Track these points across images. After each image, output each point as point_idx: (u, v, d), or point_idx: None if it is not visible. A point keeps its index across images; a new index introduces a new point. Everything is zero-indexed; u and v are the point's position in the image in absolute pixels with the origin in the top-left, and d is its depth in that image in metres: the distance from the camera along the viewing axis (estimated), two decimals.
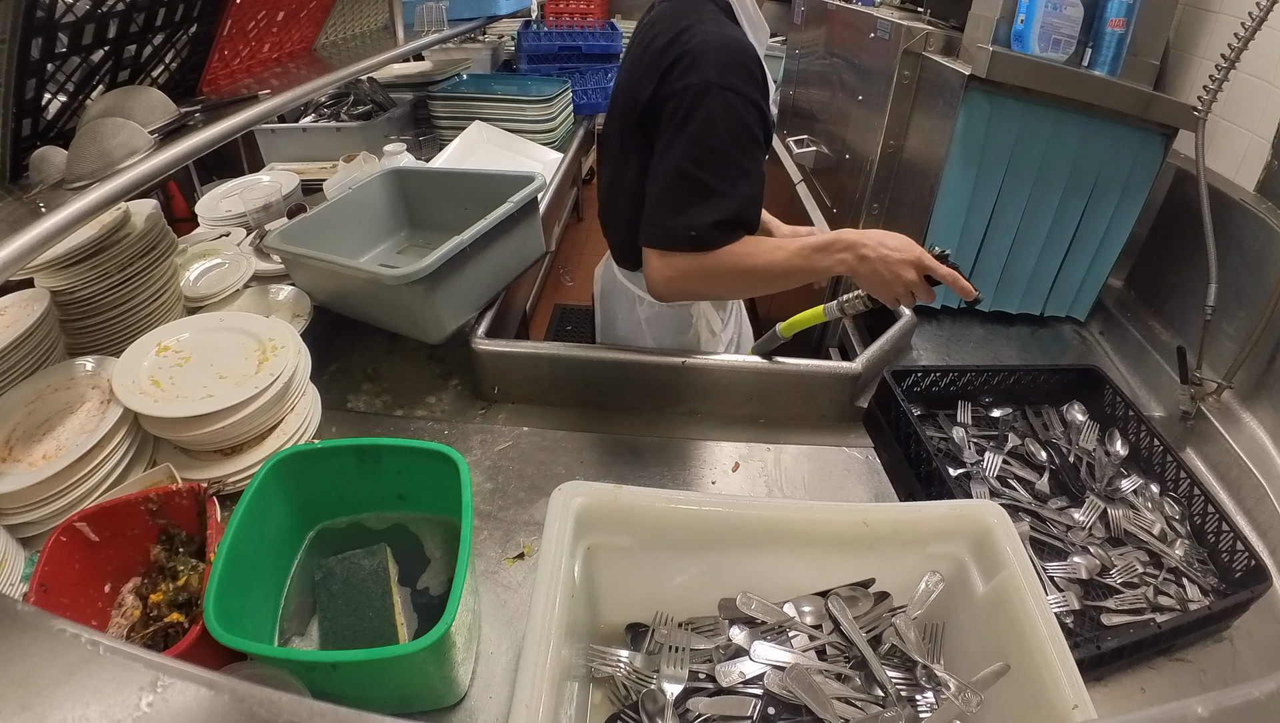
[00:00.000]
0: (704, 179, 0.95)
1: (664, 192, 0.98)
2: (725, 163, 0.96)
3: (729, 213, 0.96)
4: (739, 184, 0.96)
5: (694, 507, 0.72)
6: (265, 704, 0.38)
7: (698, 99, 0.93)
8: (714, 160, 0.95)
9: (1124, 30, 1.20)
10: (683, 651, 0.71)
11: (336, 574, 0.80)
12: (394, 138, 2.17)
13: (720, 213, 0.95)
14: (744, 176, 0.97)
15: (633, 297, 1.29)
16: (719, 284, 1.03)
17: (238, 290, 1.28)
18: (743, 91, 0.94)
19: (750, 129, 0.96)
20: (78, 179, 0.81)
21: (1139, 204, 1.34)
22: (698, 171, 0.95)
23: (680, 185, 0.97)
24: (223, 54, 1.24)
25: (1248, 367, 1.10)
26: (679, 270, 0.99)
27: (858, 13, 1.67)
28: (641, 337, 1.31)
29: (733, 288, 1.07)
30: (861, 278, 0.98)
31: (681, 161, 0.96)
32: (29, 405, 0.92)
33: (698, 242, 0.97)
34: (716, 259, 0.98)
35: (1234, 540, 0.89)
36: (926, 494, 0.96)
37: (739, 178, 0.96)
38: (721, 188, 0.96)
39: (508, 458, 1.08)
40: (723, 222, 0.96)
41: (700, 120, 0.94)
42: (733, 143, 0.95)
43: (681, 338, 1.30)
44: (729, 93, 0.93)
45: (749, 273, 1.00)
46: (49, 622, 0.42)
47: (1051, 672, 0.59)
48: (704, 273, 0.99)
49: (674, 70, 0.96)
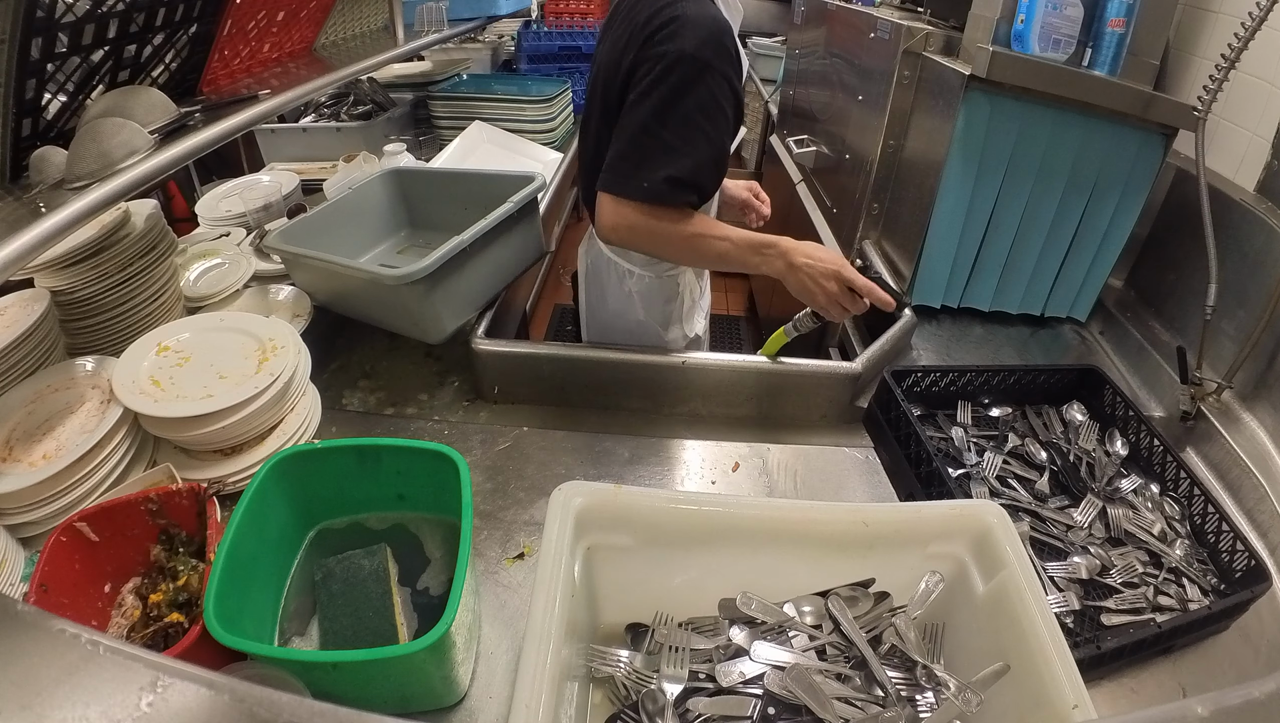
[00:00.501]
0: (665, 137, 1.01)
1: (626, 145, 1.04)
2: (687, 125, 1.01)
3: (683, 171, 1.01)
4: (698, 146, 1.02)
5: (694, 507, 0.72)
6: (265, 704, 0.38)
7: (672, 66, 0.99)
8: (677, 122, 1.00)
9: (1124, 30, 1.20)
10: (683, 651, 0.71)
11: (336, 574, 0.80)
12: (394, 138, 2.17)
13: (674, 170, 1.01)
14: (705, 140, 1.02)
15: (621, 271, 1.32)
16: (660, 243, 1.09)
17: (238, 290, 1.28)
18: (715, 66, 1.00)
19: (717, 100, 1.01)
20: (78, 179, 0.81)
21: (1139, 204, 1.34)
22: (660, 130, 1.01)
23: (643, 140, 1.02)
24: (223, 54, 1.24)
25: (1248, 367, 1.10)
26: (626, 220, 1.06)
27: (858, 13, 1.67)
28: (632, 308, 1.34)
29: (671, 251, 1.13)
30: (790, 285, 1.07)
31: (647, 119, 1.01)
32: (29, 405, 0.92)
33: (649, 194, 1.02)
34: (664, 220, 1.05)
35: (1234, 541, 0.89)
36: (926, 494, 0.96)
37: (699, 141, 1.02)
38: (681, 147, 1.01)
39: (508, 458, 1.08)
40: (675, 178, 1.01)
41: (671, 84, 0.99)
42: (698, 109, 1.00)
43: (669, 307, 1.35)
44: (702, 64, 0.98)
45: (689, 243, 1.07)
46: (49, 622, 0.42)
47: (1051, 672, 0.59)
48: (649, 229, 1.06)
49: (654, 38, 1.01)
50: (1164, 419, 1.20)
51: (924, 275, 1.41)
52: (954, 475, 0.98)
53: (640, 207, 1.04)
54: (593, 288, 1.41)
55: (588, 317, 1.46)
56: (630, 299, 1.34)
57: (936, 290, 1.43)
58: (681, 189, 1.03)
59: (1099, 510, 0.97)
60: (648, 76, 1.01)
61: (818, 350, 1.75)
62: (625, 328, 1.38)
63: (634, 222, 1.05)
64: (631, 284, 1.33)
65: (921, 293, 1.43)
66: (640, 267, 1.32)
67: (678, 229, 1.06)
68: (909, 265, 1.43)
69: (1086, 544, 0.92)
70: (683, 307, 1.37)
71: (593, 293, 1.41)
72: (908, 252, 1.44)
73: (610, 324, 1.40)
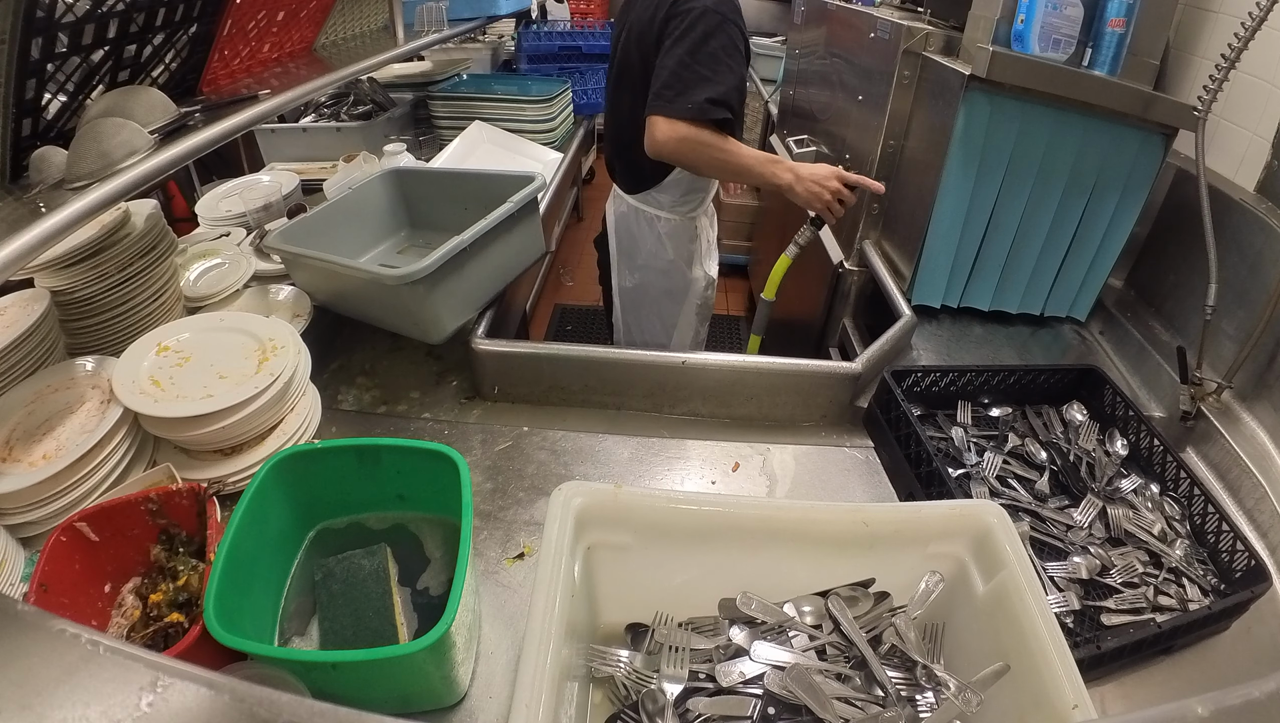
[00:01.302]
0: (700, 70, 1.30)
1: (670, 77, 1.31)
2: (716, 62, 1.30)
3: (717, 93, 1.30)
4: (726, 76, 1.31)
5: (694, 507, 0.72)
6: (265, 704, 0.38)
7: (698, 17, 1.29)
8: (708, 59, 1.30)
9: (1124, 30, 1.20)
10: (683, 651, 0.71)
11: (336, 574, 0.80)
12: (394, 138, 2.17)
13: (711, 92, 1.29)
14: (729, 71, 1.32)
15: (651, 217, 1.61)
16: (701, 153, 1.34)
17: (238, 290, 1.28)
18: (730, 18, 1.32)
19: (735, 43, 1.33)
20: (78, 179, 0.81)
21: (1139, 204, 1.34)
22: (696, 65, 1.30)
23: (683, 73, 1.30)
24: (223, 54, 1.24)
25: (1248, 367, 1.10)
26: (678, 132, 1.31)
27: (858, 13, 1.67)
28: (663, 250, 1.64)
29: (709, 159, 1.37)
30: (797, 194, 1.38)
31: (684, 57, 1.30)
32: (29, 405, 0.92)
33: (694, 112, 1.30)
34: (705, 132, 1.32)
35: (1234, 541, 0.89)
36: (926, 494, 0.96)
37: (726, 72, 1.31)
38: (713, 77, 1.30)
39: (508, 458, 1.08)
40: (713, 99, 1.30)
41: (699, 31, 1.29)
42: (721, 49, 1.30)
43: (692, 246, 1.66)
44: (721, 16, 1.30)
45: (724, 152, 1.34)
46: (49, 622, 0.42)
47: (1051, 672, 0.59)
48: (695, 140, 1.32)
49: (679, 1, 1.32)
50: (1164, 419, 1.20)
51: (924, 275, 1.41)
52: (954, 475, 0.98)
53: (688, 123, 1.30)
54: (624, 239, 1.66)
55: (621, 265, 1.70)
56: (661, 241, 1.62)
57: (936, 290, 1.43)
58: (717, 106, 1.30)
59: (1099, 510, 0.97)
60: (679, 27, 1.30)
61: (818, 350, 1.76)
62: (659, 269, 1.65)
63: (684, 134, 1.30)
64: (661, 227, 1.61)
65: (921, 293, 1.43)
66: (667, 211, 1.59)
67: (717, 141, 1.33)
68: (909, 265, 1.43)
69: (1086, 544, 0.92)
70: (701, 247, 1.66)
71: (624, 243, 1.67)
72: (908, 252, 1.44)
73: (646, 265, 1.66)
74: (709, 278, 1.69)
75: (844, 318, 1.66)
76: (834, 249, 1.71)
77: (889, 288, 1.43)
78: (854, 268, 1.61)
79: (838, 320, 1.68)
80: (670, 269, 1.64)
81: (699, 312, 1.73)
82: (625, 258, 1.69)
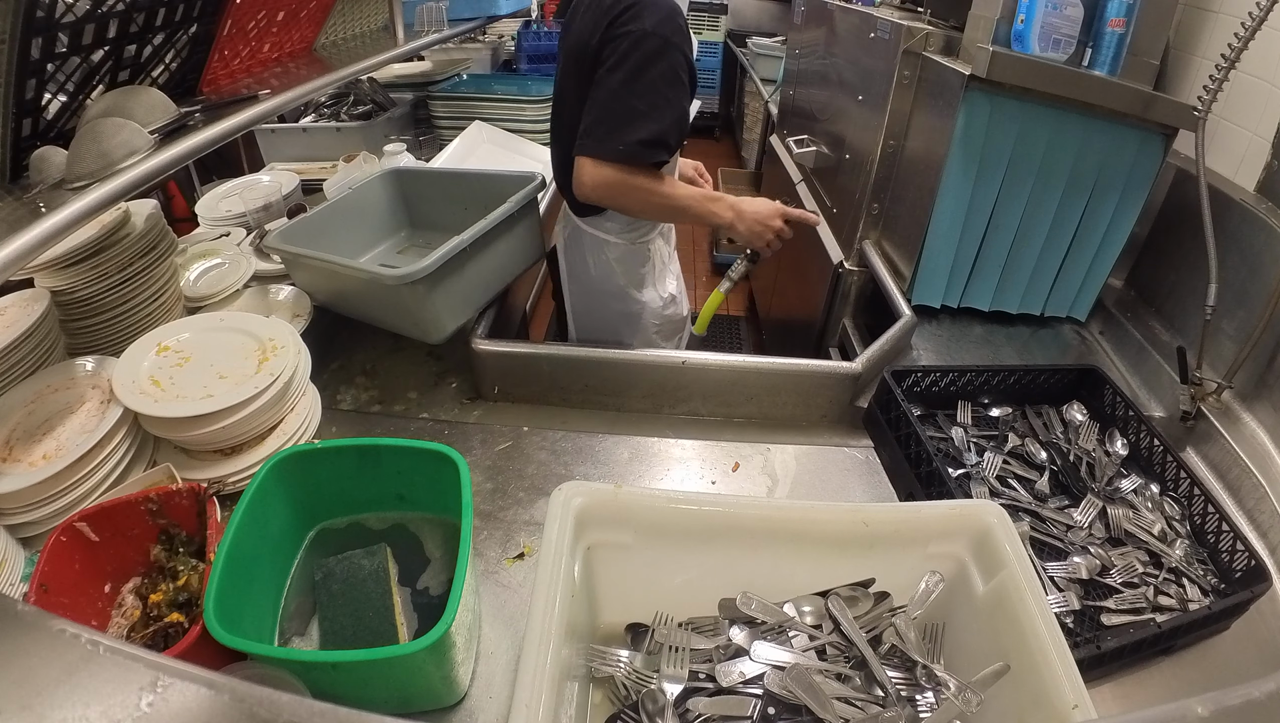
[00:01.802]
0: (636, 105, 1.15)
1: (602, 112, 1.16)
2: (654, 93, 1.15)
3: (653, 133, 1.15)
4: (664, 111, 1.16)
5: (694, 507, 0.72)
6: (265, 704, 0.38)
7: (637, 42, 1.12)
8: (645, 90, 1.14)
9: (1124, 30, 1.20)
10: (683, 651, 0.71)
11: (336, 574, 0.80)
12: (394, 138, 2.17)
13: (646, 133, 1.15)
14: (668, 105, 1.17)
15: (600, 241, 1.44)
16: (635, 198, 1.22)
17: (238, 290, 1.28)
18: (673, 42, 1.14)
19: (676, 71, 1.16)
20: (78, 179, 0.81)
21: (1139, 204, 1.34)
22: (630, 98, 1.14)
23: (616, 108, 1.15)
24: (223, 54, 1.24)
25: (1248, 367, 1.10)
26: (606, 179, 1.18)
27: (858, 13, 1.67)
28: (613, 275, 1.47)
29: (643, 204, 1.25)
30: (739, 232, 1.29)
31: (619, 89, 1.14)
32: (29, 405, 0.92)
33: (625, 155, 1.16)
34: (637, 177, 1.19)
35: (1234, 540, 0.89)
36: (926, 494, 0.96)
37: (664, 106, 1.16)
38: (650, 112, 1.15)
39: (508, 458, 1.08)
40: (646, 140, 1.15)
41: (637, 58, 1.13)
42: (660, 79, 1.15)
43: (642, 271, 1.49)
44: (662, 40, 1.13)
45: (657, 196, 1.21)
46: (49, 622, 0.42)
47: (1051, 672, 0.59)
48: (625, 185, 1.18)
49: (619, 20, 1.14)
50: (1164, 419, 1.20)
51: (924, 275, 1.41)
52: (954, 475, 0.98)
53: (618, 166, 1.16)
54: (574, 261, 1.50)
55: (570, 288, 1.55)
56: (609, 266, 1.46)
57: (936, 290, 1.43)
58: (653, 148, 1.16)
59: (1099, 510, 0.97)
60: (615, 53, 1.14)
61: (818, 350, 1.76)
62: (608, 291, 1.49)
63: (612, 180, 1.17)
64: (610, 252, 1.44)
65: (921, 293, 1.43)
66: (615, 236, 1.43)
67: (650, 185, 1.20)
68: (909, 265, 1.43)
69: (1086, 544, 0.92)
70: (655, 269, 1.51)
71: (575, 265, 1.51)
72: (908, 252, 1.44)
73: (592, 290, 1.50)
74: (666, 297, 1.53)
75: (844, 318, 1.66)
76: (834, 249, 1.71)
77: (889, 288, 1.43)
78: (854, 268, 1.61)
79: (838, 320, 1.68)
80: (621, 293, 1.48)
81: (660, 331, 1.56)
82: (575, 281, 1.53)
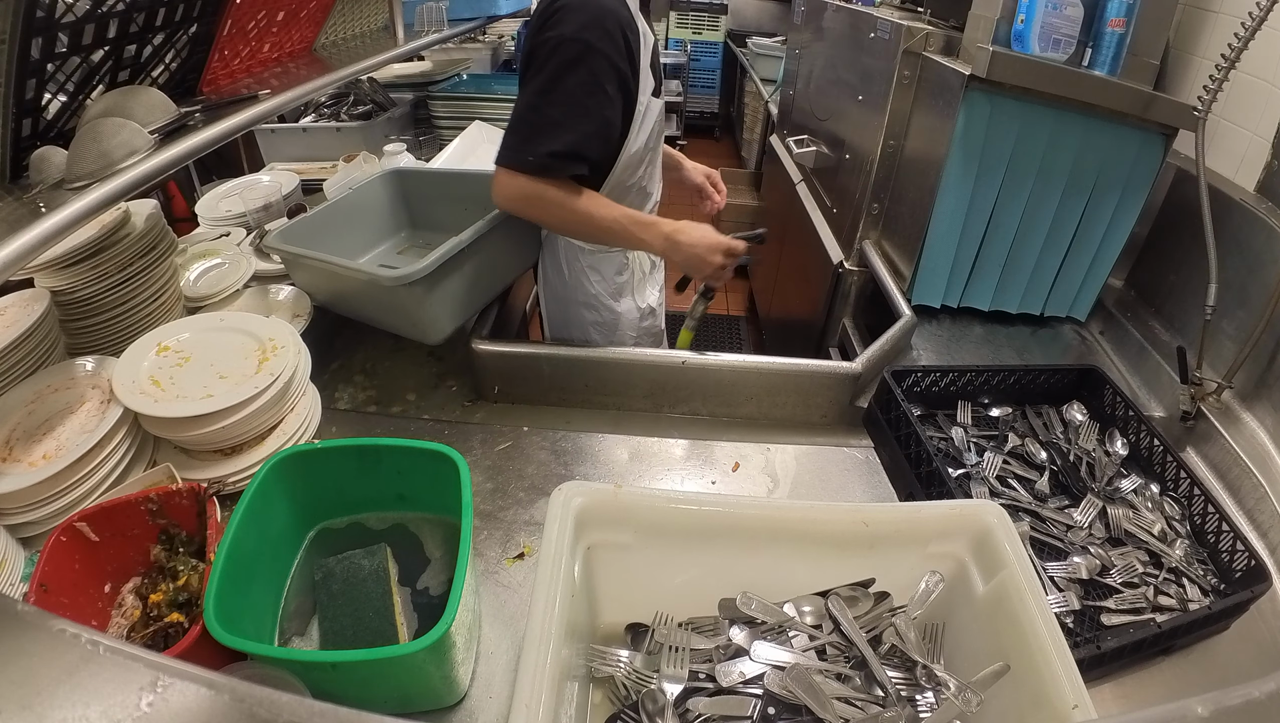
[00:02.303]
0: (550, 114, 1.09)
1: (517, 121, 1.11)
2: (570, 103, 1.09)
3: (567, 146, 1.09)
4: (579, 122, 1.10)
5: (694, 507, 0.72)
6: (265, 704, 0.38)
7: (555, 48, 1.07)
8: (561, 99, 1.08)
9: (1124, 30, 1.20)
10: (683, 651, 0.71)
11: (336, 574, 0.80)
12: (394, 138, 2.17)
13: (559, 145, 1.08)
14: (585, 116, 1.10)
15: (575, 249, 1.38)
16: (549, 212, 1.16)
17: (238, 290, 1.28)
18: (597, 47, 1.07)
19: (598, 78, 1.09)
20: (78, 179, 0.81)
21: (1139, 204, 1.34)
22: (545, 107, 1.09)
23: (530, 117, 1.10)
24: (223, 54, 1.24)
25: (1248, 367, 1.10)
26: (519, 190, 1.12)
27: (858, 13, 1.67)
28: (587, 282, 1.40)
29: (559, 221, 1.20)
30: (676, 261, 1.18)
31: (534, 98, 1.09)
32: (29, 405, 0.92)
33: (535, 167, 1.10)
34: (550, 190, 1.12)
35: (1234, 540, 0.89)
36: (926, 494, 0.96)
37: (580, 117, 1.09)
38: (564, 122, 1.09)
39: (508, 458, 1.08)
40: (559, 153, 1.09)
41: (555, 65, 1.07)
42: (579, 87, 1.08)
43: (620, 279, 1.41)
44: (582, 46, 1.06)
45: (575, 215, 1.14)
46: (49, 622, 0.42)
47: (1051, 672, 0.59)
48: (538, 198, 1.12)
49: (545, 26, 1.09)
50: (1164, 419, 1.20)
51: (924, 275, 1.41)
52: (954, 475, 0.98)
53: (531, 178, 1.11)
54: (548, 268, 1.45)
55: (545, 295, 1.49)
56: (584, 273, 1.40)
57: (936, 290, 1.43)
58: (566, 161, 1.10)
59: (1099, 510, 0.97)
60: (535, 62, 1.09)
61: (818, 351, 1.76)
62: (582, 301, 1.42)
63: (526, 192, 1.11)
64: (585, 260, 1.38)
65: (921, 293, 1.43)
66: (588, 243, 1.36)
67: (565, 200, 1.12)
68: (909, 265, 1.43)
69: (1086, 544, 0.92)
70: (634, 279, 1.43)
71: (548, 272, 1.45)
72: (908, 251, 1.44)
73: (565, 298, 1.43)
74: (644, 309, 1.46)
75: (844, 318, 1.66)
76: (834, 249, 1.71)
77: (889, 288, 1.43)
78: (854, 268, 1.61)
79: (838, 320, 1.68)
80: (595, 302, 1.41)
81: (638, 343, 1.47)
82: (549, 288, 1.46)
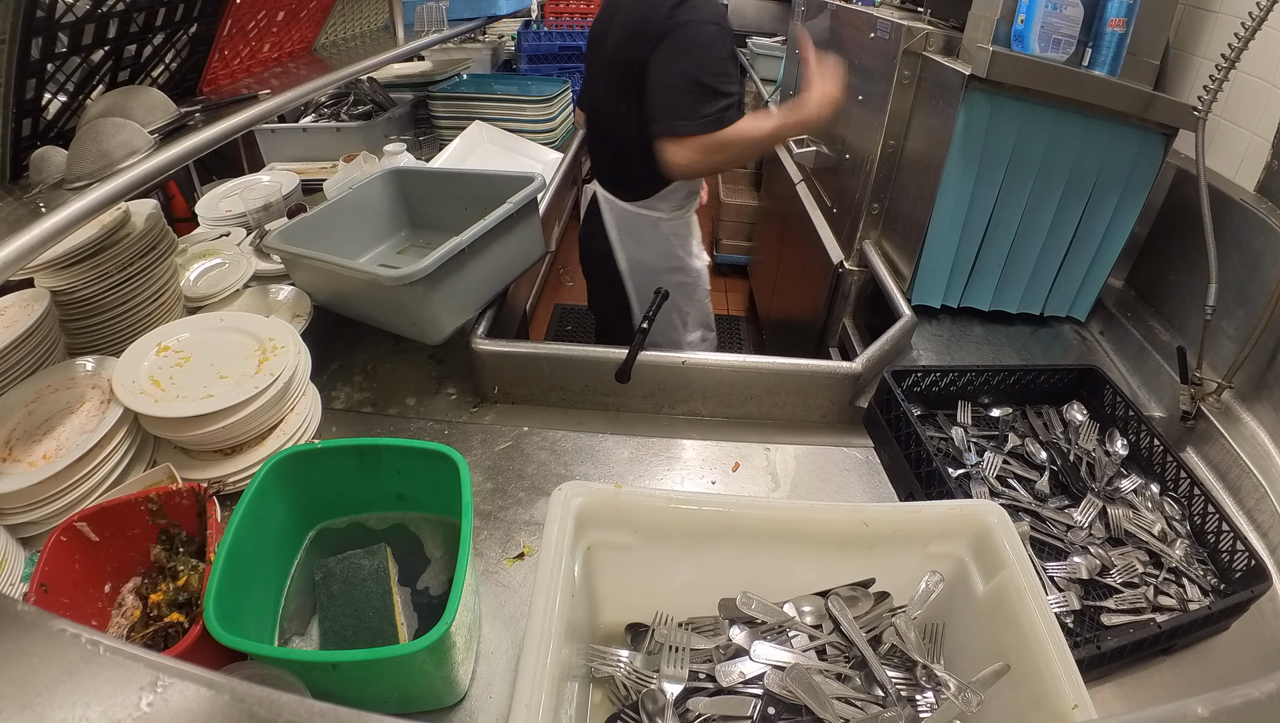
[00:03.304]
0: (710, 83, 1.35)
1: (679, 94, 1.35)
2: (721, 72, 1.36)
3: (729, 100, 1.37)
4: (731, 85, 1.38)
5: (694, 507, 0.72)
6: (265, 704, 0.38)
7: (697, 29, 1.34)
8: (715, 70, 1.35)
9: (1124, 30, 1.20)
10: (683, 651, 0.71)
11: (336, 574, 0.80)
12: (394, 138, 2.17)
13: (725, 101, 1.36)
14: (733, 81, 1.39)
15: (654, 220, 1.66)
16: (729, 153, 1.40)
17: (238, 290, 1.28)
18: (725, 27, 1.38)
19: (733, 54, 1.41)
20: (78, 179, 0.81)
21: (1139, 204, 1.34)
22: (705, 78, 1.34)
23: (694, 88, 1.34)
24: (223, 54, 1.24)
25: (1248, 367, 1.10)
26: (698, 147, 1.36)
27: (858, 13, 1.67)
28: (671, 247, 1.71)
29: (740, 154, 1.45)
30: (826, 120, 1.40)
31: (692, 72, 1.34)
32: (29, 405, 0.92)
33: (713, 123, 1.34)
34: (723, 136, 1.36)
35: (1234, 540, 0.89)
36: (926, 494, 0.96)
37: (730, 81, 1.38)
38: (723, 88, 1.36)
39: (508, 458, 1.08)
40: (727, 106, 1.36)
41: (701, 43, 1.35)
42: (723, 60, 1.37)
43: (690, 241, 1.75)
44: (716, 27, 1.36)
45: (750, 140, 1.39)
46: (49, 622, 0.42)
47: (1051, 672, 0.59)
48: (718, 147, 1.37)
49: (675, 13, 1.35)
50: (1164, 419, 1.20)
51: (924, 275, 1.41)
52: (954, 475, 0.98)
53: (708, 137, 1.35)
54: (629, 243, 1.71)
55: (630, 267, 1.74)
56: (667, 241, 1.69)
57: (936, 290, 1.43)
58: (732, 110, 1.37)
59: (1099, 510, 0.97)
60: (678, 42, 1.34)
61: (818, 351, 1.76)
62: (665, 268, 1.72)
63: (706, 145, 1.35)
64: (665, 227, 1.67)
65: (921, 293, 1.43)
66: (666, 212, 1.65)
67: (738, 137, 1.37)
68: (909, 265, 1.43)
69: (1086, 544, 0.92)
70: (695, 239, 1.76)
71: (630, 248, 1.71)
72: (908, 251, 1.44)
73: (655, 266, 1.72)
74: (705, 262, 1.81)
75: (844, 318, 1.66)
76: (834, 249, 1.71)
77: (889, 288, 1.43)
78: (854, 268, 1.61)
79: (838, 320, 1.68)
80: (680, 266, 1.73)
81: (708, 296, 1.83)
82: (635, 265, 1.73)
